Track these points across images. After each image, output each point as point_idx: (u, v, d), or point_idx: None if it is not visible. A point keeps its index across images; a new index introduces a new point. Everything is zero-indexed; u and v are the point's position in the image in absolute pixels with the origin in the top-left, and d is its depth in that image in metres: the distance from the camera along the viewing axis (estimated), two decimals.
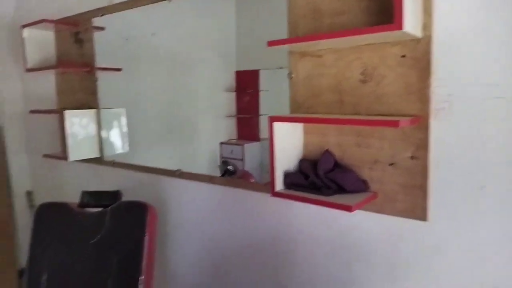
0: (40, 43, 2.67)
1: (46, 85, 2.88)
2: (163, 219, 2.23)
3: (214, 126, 2.22)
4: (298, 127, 1.61)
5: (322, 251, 1.66)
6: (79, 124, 2.44)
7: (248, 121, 2.04)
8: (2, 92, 3.06)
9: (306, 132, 1.62)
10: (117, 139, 2.58)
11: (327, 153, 1.53)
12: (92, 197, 1.82)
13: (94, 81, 2.49)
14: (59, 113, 2.48)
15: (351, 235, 1.57)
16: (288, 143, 1.56)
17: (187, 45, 2.23)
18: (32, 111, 2.63)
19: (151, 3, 2.09)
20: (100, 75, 2.47)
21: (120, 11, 2.27)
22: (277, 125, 1.45)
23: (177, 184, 2.18)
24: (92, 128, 2.52)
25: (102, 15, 2.37)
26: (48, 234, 1.78)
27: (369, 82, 1.43)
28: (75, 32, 2.56)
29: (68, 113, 2.38)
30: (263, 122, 1.92)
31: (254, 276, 1.91)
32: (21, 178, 3.19)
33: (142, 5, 2.15)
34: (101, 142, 2.55)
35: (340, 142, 1.53)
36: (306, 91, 1.60)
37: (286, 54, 1.65)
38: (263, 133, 1.93)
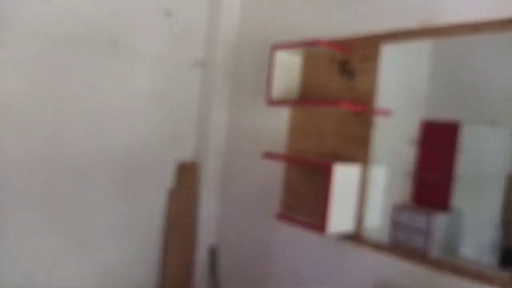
0: (285, 69, 2.09)
1: (268, 120, 2.30)
2: None
3: (390, 183, 1.80)
4: None
5: None
6: (341, 183, 1.75)
7: (432, 184, 1.66)
8: (208, 124, 2.52)
9: None
10: (372, 207, 1.85)
11: None
12: None
13: (367, 126, 1.81)
14: (321, 164, 1.82)
15: None
16: None
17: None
18: (268, 155, 2.01)
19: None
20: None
21: (443, 36, 1.59)
22: None
23: None
24: (353, 190, 1.82)
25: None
26: None
27: None
28: (343, 60, 1.94)
29: (338, 168, 1.71)
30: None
31: None
32: (206, 227, 2.58)
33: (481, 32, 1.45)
34: (363, 211, 1.83)
35: None
36: None
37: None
38: (457, 200, 1.58)
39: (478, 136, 1.57)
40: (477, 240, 1.58)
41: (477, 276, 1.45)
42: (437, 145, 1.66)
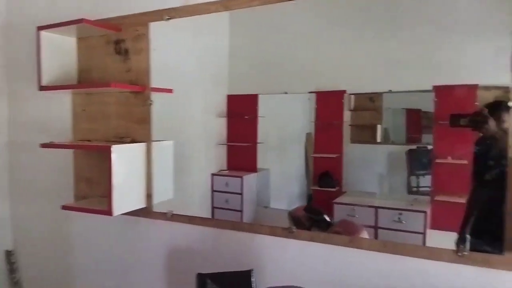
0: (57, 52, 1.97)
1: (51, 108, 2.15)
2: None
3: (206, 155, 1.97)
4: None
5: None
6: (125, 164, 1.77)
7: (242, 150, 1.86)
8: None
9: None
10: (163, 182, 1.94)
11: None
12: (218, 283, 1.21)
13: (146, 105, 1.85)
14: (100, 148, 1.78)
15: None
16: None
17: (184, 64, 1.93)
18: (45, 145, 1.88)
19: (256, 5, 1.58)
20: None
21: (199, 14, 1.71)
22: None
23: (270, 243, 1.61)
24: (139, 169, 1.86)
25: (168, 19, 1.78)
26: None
27: None
28: (116, 40, 1.92)
29: (116, 149, 1.71)
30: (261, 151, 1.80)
31: None
32: None
33: (237, 8, 1.63)
34: (150, 187, 1.89)
35: None
36: None
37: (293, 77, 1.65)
38: (261, 163, 1.80)
39: (276, 104, 1.78)
40: (286, 192, 1.82)
41: (254, 228, 1.66)
42: (241, 116, 1.83)
